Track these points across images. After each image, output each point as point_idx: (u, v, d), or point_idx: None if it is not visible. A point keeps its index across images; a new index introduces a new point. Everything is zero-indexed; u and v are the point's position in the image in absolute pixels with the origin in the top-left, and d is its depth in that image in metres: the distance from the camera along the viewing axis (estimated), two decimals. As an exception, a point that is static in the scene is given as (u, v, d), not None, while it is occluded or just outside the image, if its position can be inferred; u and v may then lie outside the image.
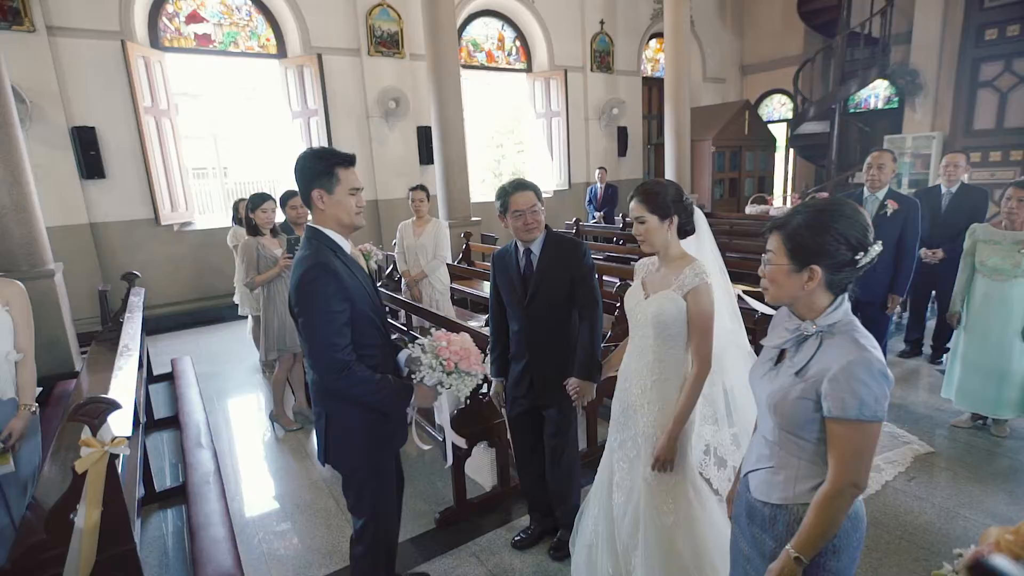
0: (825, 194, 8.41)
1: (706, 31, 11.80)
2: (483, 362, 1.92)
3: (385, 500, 1.97)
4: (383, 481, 1.95)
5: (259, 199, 3.62)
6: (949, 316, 3.52)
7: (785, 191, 12.36)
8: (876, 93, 10.79)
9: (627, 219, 8.25)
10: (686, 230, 1.93)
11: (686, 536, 1.86)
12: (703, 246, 2.03)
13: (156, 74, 6.54)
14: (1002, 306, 3.25)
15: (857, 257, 1.19)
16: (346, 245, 1.84)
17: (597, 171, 8.96)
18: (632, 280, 2.13)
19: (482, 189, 11.37)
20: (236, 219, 5.36)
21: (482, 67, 9.57)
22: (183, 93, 12.21)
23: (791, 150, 12.02)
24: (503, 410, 2.68)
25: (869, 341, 1.17)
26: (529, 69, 10.00)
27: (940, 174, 4.41)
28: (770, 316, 4.66)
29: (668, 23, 8.98)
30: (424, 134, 8.23)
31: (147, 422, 3.88)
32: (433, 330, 1.94)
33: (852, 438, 1.14)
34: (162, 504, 3.06)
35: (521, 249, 2.36)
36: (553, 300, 2.29)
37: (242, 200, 5.31)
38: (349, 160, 1.81)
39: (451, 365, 1.83)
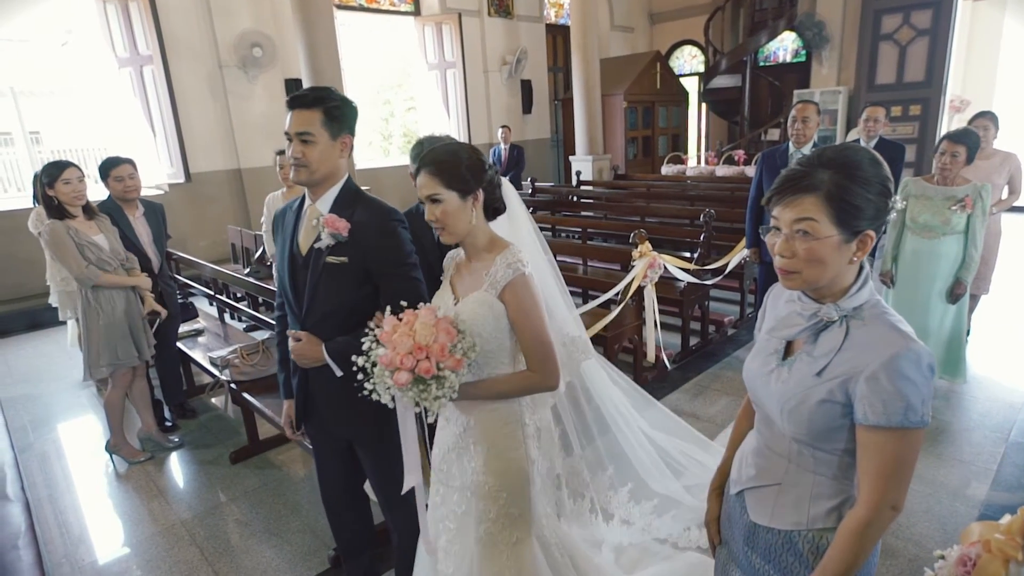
0: (741, 152, 8.79)
1: (612, -26, 11.86)
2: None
3: None
4: None
5: (55, 169, 2.99)
6: (881, 276, 3.67)
7: (700, 149, 12.88)
8: (784, 46, 11.43)
9: (535, 183, 8.16)
10: (495, 208, 1.61)
11: None
12: (518, 227, 1.77)
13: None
14: (930, 264, 3.40)
15: (890, 207, 1.07)
16: None
17: (500, 130, 8.75)
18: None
19: (369, 153, 10.81)
20: (37, 197, 4.58)
21: (361, 8, 8.95)
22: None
23: (703, 105, 12.50)
24: (306, 441, 2.21)
25: (908, 327, 1.05)
26: (417, 12, 9.51)
27: (859, 128, 4.62)
28: (701, 286, 4.67)
29: (572, -38, 8.87)
30: (294, 88, 7.57)
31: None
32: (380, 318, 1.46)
33: (893, 449, 1.02)
34: (-50, 584, 2.55)
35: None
36: None
37: None
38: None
39: (402, 381, 1.35)
